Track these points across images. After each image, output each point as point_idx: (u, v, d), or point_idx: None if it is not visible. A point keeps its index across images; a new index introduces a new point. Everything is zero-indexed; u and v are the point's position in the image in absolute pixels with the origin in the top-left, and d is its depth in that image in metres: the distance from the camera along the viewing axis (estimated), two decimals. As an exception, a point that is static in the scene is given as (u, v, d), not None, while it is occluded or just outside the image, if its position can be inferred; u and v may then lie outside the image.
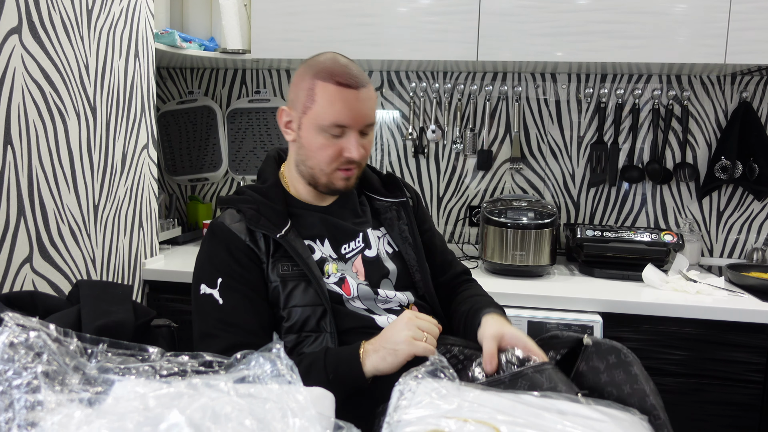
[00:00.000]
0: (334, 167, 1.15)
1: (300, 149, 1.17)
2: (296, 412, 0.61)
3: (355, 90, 1.11)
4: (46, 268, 1.41)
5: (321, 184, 1.18)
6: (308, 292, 1.12)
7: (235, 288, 1.11)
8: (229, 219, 1.16)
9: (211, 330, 1.09)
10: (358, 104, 1.11)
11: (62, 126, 1.46)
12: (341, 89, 1.10)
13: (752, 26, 1.79)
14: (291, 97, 1.17)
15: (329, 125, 1.11)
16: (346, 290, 1.16)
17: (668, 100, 2.16)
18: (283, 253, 1.14)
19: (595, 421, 0.65)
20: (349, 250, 1.22)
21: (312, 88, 1.11)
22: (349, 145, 1.12)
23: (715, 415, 1.67)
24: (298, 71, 1.17)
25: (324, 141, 1.12)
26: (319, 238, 1.20)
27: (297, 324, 1.12)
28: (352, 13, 1.98)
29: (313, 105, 1.11)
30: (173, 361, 0.70)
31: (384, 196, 1.31)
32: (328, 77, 1.10)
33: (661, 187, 2.23)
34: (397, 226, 1.29)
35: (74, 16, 1.48)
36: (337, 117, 1.10)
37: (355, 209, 1.27)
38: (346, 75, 1.10)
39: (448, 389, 0.70)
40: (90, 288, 1.01)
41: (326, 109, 1.10)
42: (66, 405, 0.52)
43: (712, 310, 1.62)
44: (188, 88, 2.47)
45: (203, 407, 0.52)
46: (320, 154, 1.13)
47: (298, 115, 1.15)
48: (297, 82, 1.16)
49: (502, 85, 2.25)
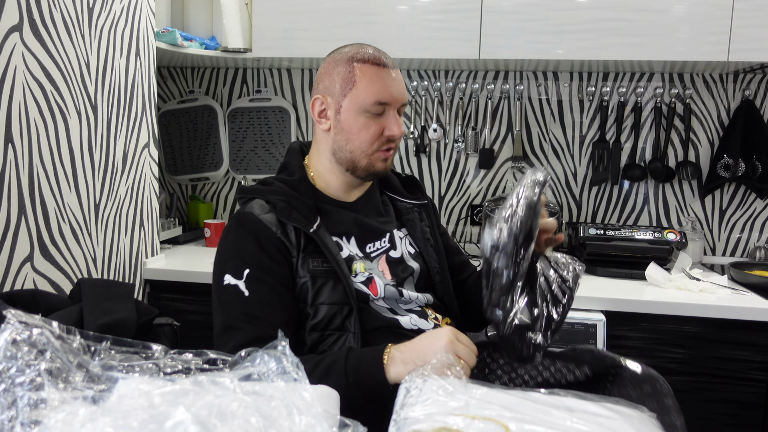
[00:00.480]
0: (375, 148, 1.16)
1: (338, 134, 1.17)
2: (302, 410, 0.60)
3: (391, 69, 1.16)
4: (47, 267, 1.41)
5: (360, 168, 1.18)
6: (336, 290, 1.11)
7: (262, 280, 1.08)
8: (259, 209, 1.13)
9: (235, 322, 1.06)
10: (395, 83, 1.15)
11: (63, 124, 1.45)
12: (379, 68, 1.14)
13: (755, 24, 1.79)
14: (325, 85, 1.17)
15: (372, 104, 1.13)
16: (373, 290, 1.15)
17: (670, 98, 2.16)
18: (314, 249, 1.12)
19: (603, 417, 0.65)
20: (374, 250, 1.21)
21: (350, 71, 1.14)
22: (390, 123, 1.15)
23: (718, 414, 1.66)
24: (327, 62, 1.19)
25: (365, 121, 1.14)
26: (347, 236, 1.19)
27: (322, 322, 1.10)
28: (353, 11, 1.97)
29: (354, 87, 1.13)
30: (177, 358, 0.69)
31: (405, 197, 1.32)
32: (365, 59, 1.14)
33: (664, 185, 2.22)
34: (420, 227, 1.30)
35: (75, 15, 1.48)
36: (379, 94, 1.13)
37: (378, 207, 1.28)
38: (380, 57, 1.16)
39: (455, 386, 0.69)
40: (92, 286, 1.01)
41: (368, 88, 1.13)
42: (70, 403, 0.52)
43: (716, 308, 1.62)
44: (189, 87, 2.47)
45: (209, 404, 0.51)
46: (362, 134, 1.15)
47: (336, 100, 1.15)
48: (329, 70, 1.17)
49: (504, 84, 2.25)
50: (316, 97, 1.18)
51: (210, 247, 2.20)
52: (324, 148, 1.20)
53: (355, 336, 1.10)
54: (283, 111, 2.38)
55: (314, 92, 1.20)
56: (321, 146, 1.21)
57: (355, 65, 1.14)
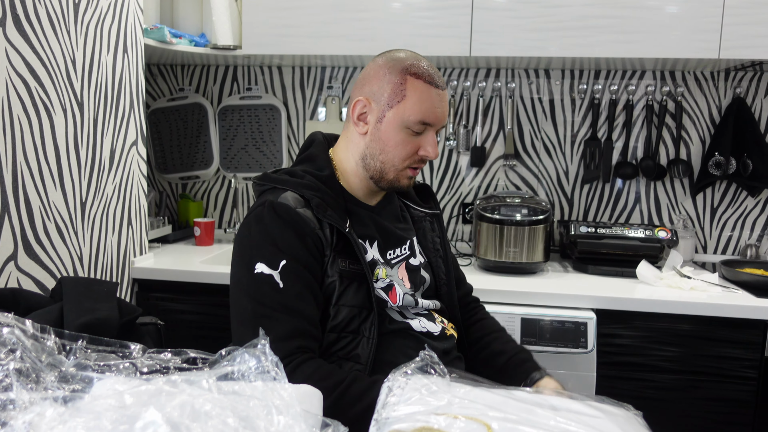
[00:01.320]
0: (406, 164, 1.15)
1: (374, 143, 1.14)
2: (281, 410, 0.59)
3: (442, 90, 1.13)
4: (31, 266, 1.39)
5: (386, 180, 1.16)
6: (359, 293, 1.09)
7: (298, 273, 1.04)
8: (294, 202, 1.08)
9: (270, 312, 1.01)
10: (442, 104, 1.13)
11: (48, 122, 1.43)
12: (431, 88, 1.11)
13: (746, 21, 1.78)
14: (372, 90, 1.13)
15: (416, 122, 1.11)
16: (393, 298, 1.14)
17: (662, 96, 2.15)
18: (343, 249, 1.09)
19: (588, 416, 0.64)
20: (394, 256, 1.20)
21: (402, 83, 1.11)
22: (427, 144, 1.13)
23: (709, 412, 1.66)
24: (379, 65, 1.15)
25: (405, 137, 1.12)
26: (370, 240, 1.17)
27: (341, 324, 1.08)
28: (345, 8, 1.96)
29: (403, 100, 1.10)
30: (155, 357, 0.68)
31: (419, 205, 1.31)
32: (420, 75, 1.11)
33: (655, 183, 2.22)
34: (430, 237, 1.29)
35: (60, 10, 1.46)
36: (425, 115, 1.11)
37: (397, 213, 1.27)
38: (434, 75, 1.13)
39: (439, 385, 0.68)
40: (74, 285, 0.99)
41: (415, 106, 1.10)
42: (39, 403, 0.50)
43: (707, 306, 1.62)
44: (179, 85, 2.45)
45: (182, 405, 0.50)
46: (398, 149, 1.13)
47: (381, 108, 1.12)
48: (379, 74, 1.13)
49: (496, 82, 2.24)
50: (359, 99, 1.14)
51: (200, 245, 2.19)
52: (354, 150, 1.17)
53: (368, 341, 1.08)
54: (273, 109, 2.37)
55: (358, 92, 1.15)
56: (351, 146, 1.18)
57: (408, 78, 1.10)
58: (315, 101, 2.37)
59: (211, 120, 2.40)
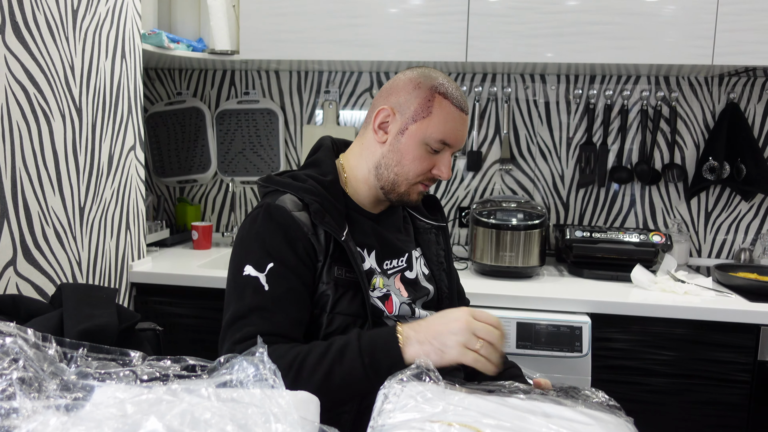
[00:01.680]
0: (419, 180, 1.16)
1: (392, 153, 1.15)
2: (279, 417, 0.60)
3: (466, 115, 1.16)
4: (30, 271, 1.40)
5: (395, 193, 1.17)
6: (354, 301, 1.09)
7: (285, 276, 1.04)
8: (291, 205, 1.09)
9: (246, 313, 1.02)
10: (464, 128, 1.16)
11: (47, 127, 1.44)
12: (457, 110, 1.13)
13: (739, 27, 1.80)
14: (398, 101, 1.14)
15: (437, 140, 1.12)
16: (389, 308, 1.14)
17: (657, 101, 2.17)
18: (339, 256, 1.10)
19: (580, 424, 0.65)
20: (391, 267, 1.20)
21: (430, 99, 1.12)
22: (442, 165, 1.15)
23: (703, 415, 1.68)
24: (410, 78, 1.15)
25: (422, 153, 1.13)
26: (368, 248, 1.17)
27: (336, 332, 1.07)
28: (341, 14, 1.97)
29: (428, 116, 1.12)
30: (155, 365, 0.69)
31: (425, 217, 1.31)
32: (448, 95, 1.13)
33: (650, 187, 2.24)
34: (435, 250, 1.30)
35: (59, 16, 1.47)
36: (447, 135, 1.12)
37: (399, 224, 1.27)
38: (462, 99, 1.15)
39: (434, 392, 0.69)
40: (73, 291, 1.00)
41: (439, 125, 1.12)
42: (42, 412, 0.51)
43: (700, 310, 1.63)
44: (176, 89, 2.46)
45: (182, 413, 0.51)
46: (414, 164, 1.14)
47: (405, 120, 1.13)
48: (408, 87, 1.14)
49: (492, 87, 2.25)
50: (383, 107, 1.14)
51: (198, 249, 2.19)
52: (369, 157, 1.18)
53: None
54: (271, 113, 2.38)
55: (383, 101, 1.16)
56: (366, 153, 1.18)
57: (437, 96, 1.12)
58: (312, 105, 2.38)
59: (208, 124, 2.41)
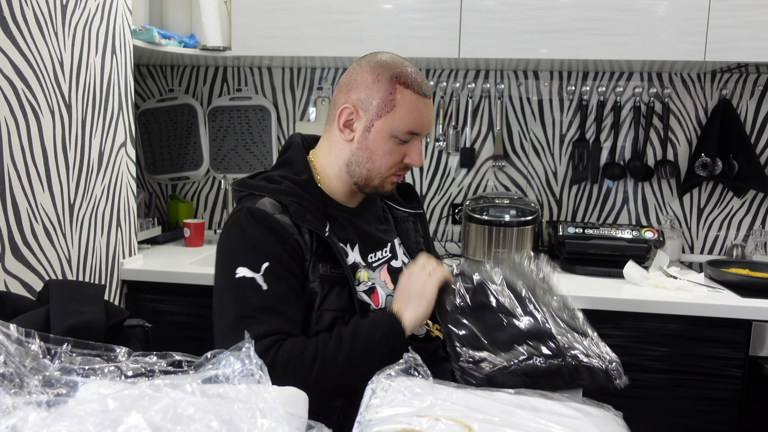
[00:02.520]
0: (392, 172, 1.16)
1: (360, 150, 1.14)
2: (265, 413, 0.60)
3: (429, 99, 1.15)
4: (19, 268, 1.38)
5: (371, 186, 1.16)
6: (342, 296, 1.09)
7: (282, 276, 1.04)
8: (271, 208, 1.08)
9: (253, 313, 1.01)
10: (429, 113, 1.15)
11: (36, 124, 1.43)
12: (420, 98, 1.12)
13: (731, 24, 1.80)
14: (359, 97, 1.12)
15: (404, 132, 1.11)
16: (375, 300, 1.15)
17: (649, 97, 2.17)
18: (324, 253, 1.10)
19: (568, 417, 0.65)
20: (376, 259, 1.20)
21: (392, 92, 1.10)
22: (413, 153, 1.15)
23: (695, 410, 1.68)
24: (366, 71, 1.13)
25: (391, 147, 1.13)
26: (351, 243, 1.17)
27: (325, 329, 1.07)
28: (335, 9, 1.96)
29: (393, 110, 1.10)
30: (141, 361, 0.68)
31: (402, 205, 1.32)
32: (408, 84, 1.11)
33: (643, 184, 2.24)
34: (414, 237, 1.30)
35: (48, 12, 1.45)
36: (414, 125, 1.12)
37: (378, 214, 1.27)
38: (423, 84, 1.13)
39: (422, 387, 0.69)
40: (60, 288, 0.99)
41: (405, 117, 1.11)
42: (22, 408, 0.51)
43: (692, 306, 1.63)
44: (168, 86, 2.44)
45: (165, 408, 0.50)
46: (385, 159, 1.13)
47: (370, 117, 1.12)
48: (367, 82, 1.12)
49: (485, 83, 2.25)
50: (345, 106, 1.13)
51: (190, 246, 2.18)
52: (339, 155, 1.17)
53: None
54: (263, 110, 2.37)
55: (344, 98, 1.14)
56: (335, 151, 1.17)
57: (398, 87, 1.10)
58: (305, 102, 2.37)
59: (200, 121, 2.40)
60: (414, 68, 1.15)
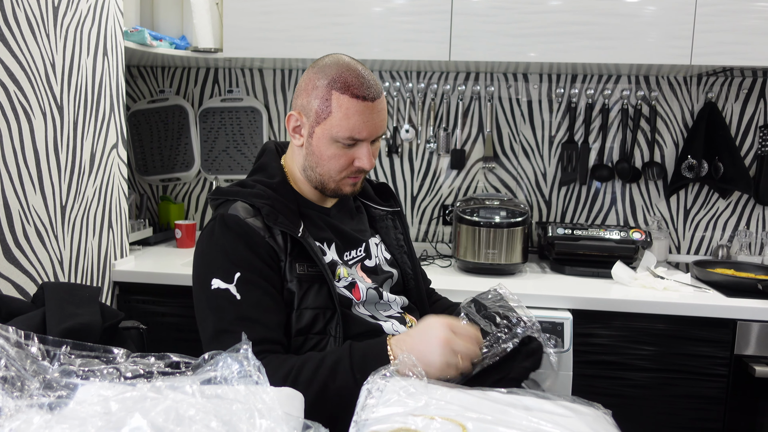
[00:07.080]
0: (344, 175, 1.15)
1: (309, 156, 1.15)
2: (263, 413, 0.61)
3: (371, 102, 1.10)
4: (10, 270, 1.38)
5: (329, 190, 1.18)
6: (321, 294, 1.10)
7: (255, 283, 1.05)
8: (243, 212, 1.10)
9: (228, 326, 1.02)
10: (373, 116, 1.10)
11: (27, 125, 1.43)
12: (358, 102, 1.08)
13: (716, 28, 1.83)
14: (302, 103, 1.13)
15: (344, 138, 1.10)
16: (356, 294, 1.16)
17: (637, 100, 2.20)
18: (299, 253, 1.11)
19: (559, 416, 0.67)
20: (351, 258, 1.22)
21: (327, 98, 1.09)
22: (361, 156, 1.13)
23: (682, 409, 1.71)
24: (309, 75, 1.13)
25: (336, 151, 1.12)
26: (327, 242, 1.18)
27: (306, 327, 1.09)
28: (325, 12, 1.97)
29: (329, 116, 1.09)
30: (139, 362, 0.69)
31: (378, 204, 1.33)
32: (345, 88, 1.08)
33: (631, 185, 2.27)
34: (394, 235, 1.32)
35: (39, 14, 1.45)
36: (353, 131, 1.10)
37: (352, 212, 1.29)
38: (362, 86, 1.09)
39: (417, 387, 0.70)
40: (55, 290, 0.99)
41: (342, 123, 1.09)
42: (25, 411, 0.51)
43: (679, 306, 1.66)
44: (159, 87, 2.44)
45: (166, 410, 0.51)
46: (332, 163, 1.13)
47: (311, 123, 1.12)
48: (308, 88, 1.12)
49: (475, 85, 2.27)
50: (291, 113, 1.15)
51: (181, 248, 2.18)
52: (297, 159, 1.20)
53: (336, 340, 1.10)
54: (255, 111, 2.37)
55: (292, 105, 1.16)
56: (295, 156, 1.21)
57: (333, 93, 1.08)
58: (296, 104, 2.38)
59: (192, 122, 2.40)
60: (357, 71, 1.11)
